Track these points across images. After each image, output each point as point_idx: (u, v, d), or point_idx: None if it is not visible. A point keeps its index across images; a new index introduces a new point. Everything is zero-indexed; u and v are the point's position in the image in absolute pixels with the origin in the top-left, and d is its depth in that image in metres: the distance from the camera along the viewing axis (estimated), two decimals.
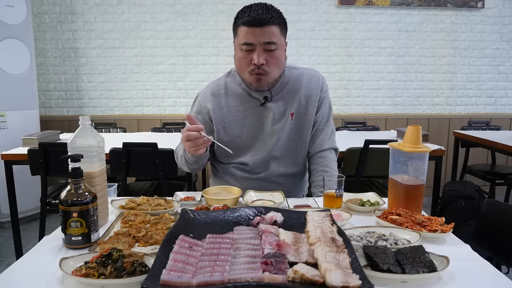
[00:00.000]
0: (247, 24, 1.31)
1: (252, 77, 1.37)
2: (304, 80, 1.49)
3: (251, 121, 1.47)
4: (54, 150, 2.17)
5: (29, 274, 0.81)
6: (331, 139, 1.56)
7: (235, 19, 1.37)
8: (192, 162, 1.45)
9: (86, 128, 1.06)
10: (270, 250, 0.79)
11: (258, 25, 1.30)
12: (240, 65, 1.41)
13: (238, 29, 1.35)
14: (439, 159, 2.46)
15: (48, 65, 3.87)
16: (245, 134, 1.48)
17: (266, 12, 1.30)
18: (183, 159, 1.49)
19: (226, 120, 1.48)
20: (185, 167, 1.52)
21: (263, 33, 1.30)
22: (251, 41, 1.31)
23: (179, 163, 1.55)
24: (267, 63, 1.34)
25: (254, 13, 1.30)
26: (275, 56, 1.36)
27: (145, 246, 0.93)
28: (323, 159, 1.51)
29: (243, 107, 1.47)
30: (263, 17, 1.29)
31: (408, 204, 1.14)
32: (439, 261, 0.82)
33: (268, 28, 1.31)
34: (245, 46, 1.33)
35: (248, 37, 1.31)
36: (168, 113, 3.99)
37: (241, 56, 1.37)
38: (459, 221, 2.20)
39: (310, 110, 1.48)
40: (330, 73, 3.97)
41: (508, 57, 4.05)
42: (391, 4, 3.87)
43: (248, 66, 1.36)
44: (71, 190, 0.92)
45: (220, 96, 1.50)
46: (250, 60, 1.35)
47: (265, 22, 1.30)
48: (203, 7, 3.83)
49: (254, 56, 1.33)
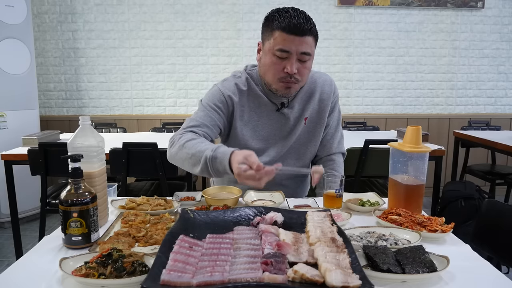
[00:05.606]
0: (287, 31, 1.24)
1: (281, 84, 1.33)
2: (318, 84, 1.48)
3: (264, 125, 1.44)
4: (54, 150, 2.17)
5: (29, 274, 0.81)
6: (340, 144, 1.57)
7: (269, 20, 1.30)
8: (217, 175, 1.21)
9: (86, 128, 1.06)
10: (270, 250, 0.79)
11: (298, 34, 1.24)
12: (268, 70, 1.33)
13: (274, 32, 1.27)
14: (439, 159, 2.46)
15: (48, 65, 3.87)
16: (257, 136, 1.45)
17: (306, 21, 1.25)
18: (199, 165, 1.20)
19: (243, 119, 1.43)
20: (191, 169, 1.25)
21: (302, 43, 1.25)
22: (288, 48, 1.25)
23: (182, 161, 1.27)
24: (299, 72, 1.30)
25: (295, 20, 1.24)
26: (307, 66, 1.32)
27: (145, 246, 0.93)
28: (332, 162, 1.53)
29: (260, 109, 1.43)
30: (304, 27, 1.24)
31: (408, 204, 1.14)
32: (439, 261, 0.82)
33: (307, 39, 1.26)
34: (280, 53, 1.27)
35: (286, 44, 1.25)
36: (168, 113, 3.99)
37: (273, 61, 1.30)
38: (459, 221, 2.20)
39: (323, 114, 1.48)
40: (330, 73, 3.96)
41: (508, 57, 4.05)
42: (391, 4, 3.87)
43: (279, 73, 1.30)
44: (71, 190, 0.92)
45: (243, 92, 1.42)
46: (282, 68, 1.29)
47: (305, 32, 1.25)
48: (203, 7, 3.83)
49: (287, 65, 1.28)
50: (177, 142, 1.29)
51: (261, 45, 1.36)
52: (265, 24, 1.32)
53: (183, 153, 1.25)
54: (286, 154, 1.48)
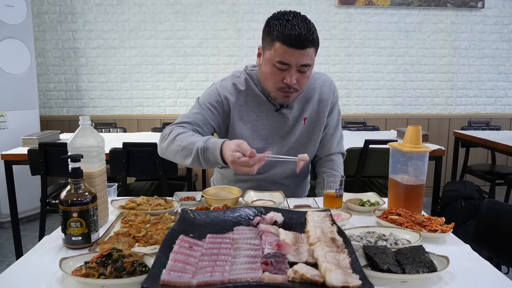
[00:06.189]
0: (288, 43, 1.21)
1: (280, 93, 1.33)
2: (317, 85, 1.48)
3: (263, 125, 1.45)
4: (54, 150, 2.17)
5: (29, 274, 0.81)
6: (339, 144, 1.57)
7: (270, 27, 1.26)
8: (209, 166, 1.25)
9: (86, 128, 1.06)
10: (270, 250, 0.79)
11: (298, 47, 1.22)
12: (267, 79, 1.33)
13: (274, 43, 1.24)
14: (439, 159, 2.46)
15: (48, 65, 3.87)
16: (256, 136, 1.45)
17: (308, 32, 1.21)
18: (190, 157, 1.23)
19: (241, 118, 1.43)
20: (183, 161, 1.27)
21: (302, 55, 1.23)
22: (288, 61, 1.24)
23: (174, 154, 1.30)
24: (298, 82, 1.29)
25: (296, 32, 1.20)
26: (306, 76, 1.31)
27: (145, 246, 0.93)
28: (331, 162, 1.53)
29: (259, 109, 1.43)
30: (306, 40, 1.21)
31: (408, 204, 1.14)
32: (439, 261, 0.82)
33: (307, 51, 1.24)
34: (280, 65, 1.26)
35: (286, 57, 1.23)
36: (168, 113, 3.99)
37: (273, 71, 1.29)
38: (459, 221, 2.20)
39: (322, 114, 1.48)
40: (330, 73, 3.96)
41: (508, 57, 4.05)
42: (391, 4, 3.87)
43: (278, 83, 1.30)
44: (71, 190, 0.92)
45: (241, 92, 1.42)
46: (281, 78, 1.28)
47: (306, 45, 1.22)
48: (203, 7, 3.83)
49: (287, 76, 1.27)
50: (168, 136, 1.31)
51: (261, 50, 1.35)
52: (265, 31, 1.30)
53: (175, 146, 1.27)
54: (285, 154, 1.48)
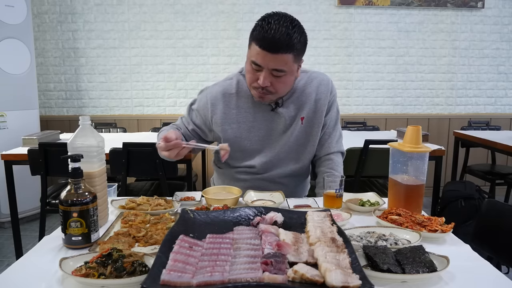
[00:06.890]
0: (260, 45, 1.22)
1: (255, 92, 1.35)
2: (314, 84, 1.48)
3: (260, 125, 1.45)
4: (54, 150, 2.17)
5: (29, 274, 0.81)
6: (338, 143, 1.56)
7: (253, 28, 1.27)
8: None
9: (86, 128, 1.06)
10: (270, 250, 0.79)
11: (270, 51, 1.21)
12: (246, 76, 1.37)
13: (252, 43, 1.27)
14: (439, 159, 2.46)
15: (48, 65, 3.87)
16: (253, 136, 1.46)
17: (284, 37, 1.19)
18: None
19: (235, 121, 1.44)
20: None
21: (274, 59, 1.23)
22: (259, 63, 1.25)
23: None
24: (273, 85, 1.29)
25: (270, 35, 1.19)
26: (282, 81, 1.30)
27: (145, 246, 0.93)
28: (330, 161, 1.52)
29: (254, 110, 1.44)
30: (279, 44, 1.20)
31: (408, 204, 1.14)
32: (439, 261, 0.82)
33: (280, 56, 1.22)
34: (254, 66, 1.28)
35: (258, 58, 1.24)
36: (168, 113, 3.99)
37: (249, 70, 1.32)
38: (459, 221, 2.20)
39: (319, 113, 1.48)
40: (330, 73, 3.96)
41: (508, 57, 4.05)
42: (391, 4, 3.87)
43: (253, 82, 1.32)
44: (71, 190, 0.92)
45: (231, 96, 1.45)
46: (255, 78, 1.30)
47: (278, 50, 1.21)
48: (203, 7, 3.83)
49: (260, 76, 1.28)
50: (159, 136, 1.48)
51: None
52: (250, 32, 1.30)
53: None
54: (284, 154, 1.48)
